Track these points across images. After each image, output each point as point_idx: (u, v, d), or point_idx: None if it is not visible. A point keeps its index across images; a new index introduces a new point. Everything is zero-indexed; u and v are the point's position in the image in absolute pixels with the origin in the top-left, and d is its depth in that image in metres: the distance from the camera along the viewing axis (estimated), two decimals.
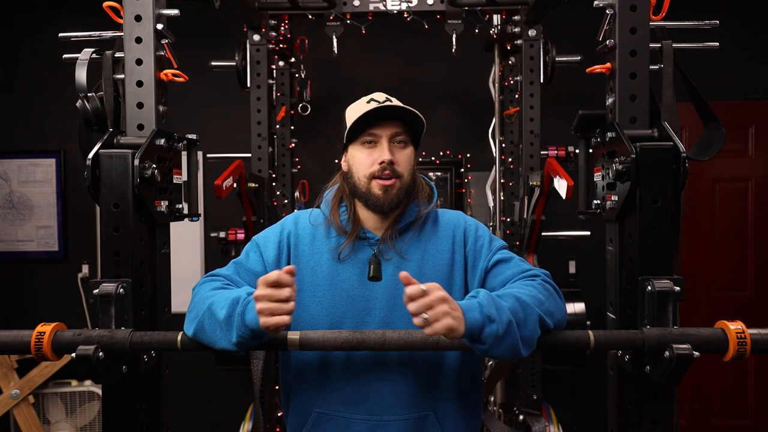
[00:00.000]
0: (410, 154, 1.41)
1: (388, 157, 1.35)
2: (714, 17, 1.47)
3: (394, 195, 1.37)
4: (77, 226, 3.60)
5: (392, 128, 1.38)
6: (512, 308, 1.16)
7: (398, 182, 1.37)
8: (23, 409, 3.35)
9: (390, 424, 1.34)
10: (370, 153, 1.38)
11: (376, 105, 1.36)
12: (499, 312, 1.14)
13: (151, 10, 1.37)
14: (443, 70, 3.51)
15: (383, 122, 1.37)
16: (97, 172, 1.30)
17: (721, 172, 3.57)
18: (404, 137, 1.39)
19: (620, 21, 1.35)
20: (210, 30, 3.26)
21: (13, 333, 1.23)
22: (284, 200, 3.12)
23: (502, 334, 1.13)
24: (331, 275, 1.37)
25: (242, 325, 1.16)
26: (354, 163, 1.40)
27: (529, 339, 1.18)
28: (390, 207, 1.37)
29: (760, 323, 1.19)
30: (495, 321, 1.13)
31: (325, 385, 1.36)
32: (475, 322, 1.12)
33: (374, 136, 1.38)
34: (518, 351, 1.16)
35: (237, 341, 1.17)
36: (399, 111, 1.37)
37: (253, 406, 2.70)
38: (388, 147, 1.37)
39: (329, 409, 1.36)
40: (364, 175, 1.38)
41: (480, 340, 1.13)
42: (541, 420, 2.71)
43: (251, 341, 1.18)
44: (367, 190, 1.37)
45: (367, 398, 1.34)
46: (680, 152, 1.27)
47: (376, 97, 1.41)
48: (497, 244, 1.43)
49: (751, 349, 1.17)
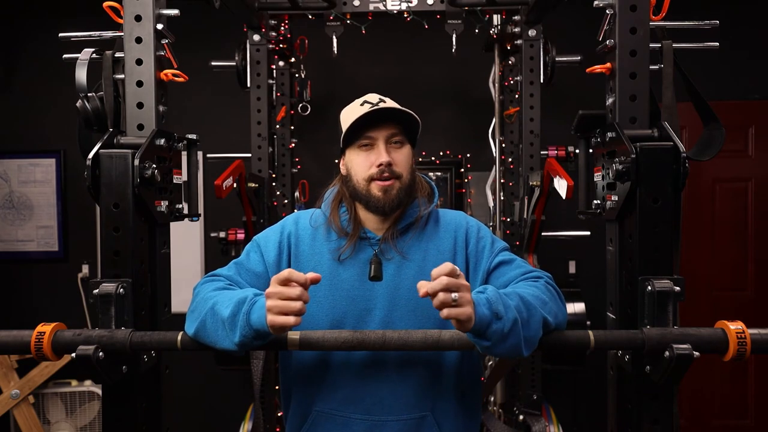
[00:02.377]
0: (408, 154, 1.40)
1: (386, 159, 1.35)
2: (714, 17, 1.47)
3: (395, 195, 1.36)
4: (77, 226, 3.60)
5: (387, 130, 1.37)
6: (517, 307, 1.16)
7: (397, 182, 1.37)
8: (23, 409, 3.35)
9: (388, 424, 1.34)
10: (368, 156, 1.37)
11: (370, 107, 1.36)
12: (506, 309, 1.13)
13: (151, 10, 1.37)
14: (443, 70, 3.51)
15: (378, 124, 1.37)
16: (97, 172, 1.30)
17: (721, 172, 3.57)
18: (400, 137, 1.39)
19: (620, 21, 1.35)
20: (210, 30, 3.26)
21: (13, 333, 1.23)
22: (284, 200, 3.12)
23: (506, 333, 1.12)
24: (332, 275, 1.37)
25: (246, 324, 1.15)
26: (352, 167, 1.40)
27: (531, 339, 1.18)
28: (391, 207, 1.37)
29: (760, 323, 1.19)
30: (502, 318, 1.12)
31: (324, 385, 1.36)
32: (484, 317, 1.10)
33: (370, 139, 1.37)
34: (520, 350, 1.16)
35: (239, 341, 1.16)
36: (393, 112, 1.37)
37: (253, 406, 2.70)
38: (385, 148, 1.36)
39: (329, 408, 1.36)
40: (363, 178, 1.37)
41: (485, 336, 1.12)
42: (541, 420, 2.71)
43: (254, 342, 1.17)
44: (367, 193, 1.37)
45: (366, 398, 1.34)
46: (680, 152, 1.27)
47: (369, 98, 1.40)
48: (499, 246, 1.42)
49: (751, 349, 1.17)
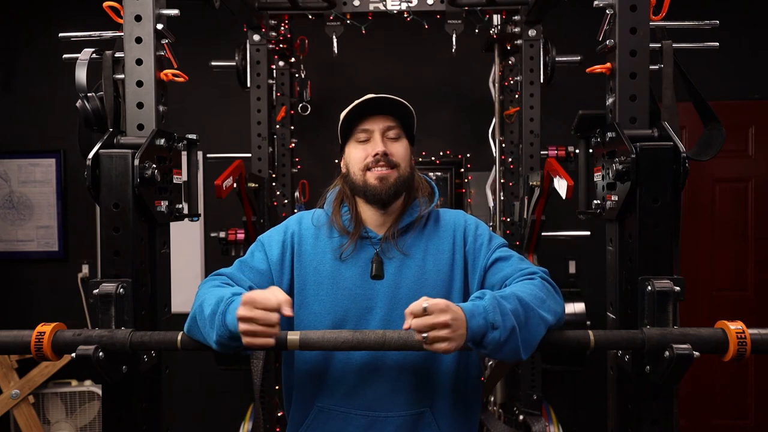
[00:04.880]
0: (405, 146, 1.42)
1: (381, 149, 1.37)
2: (714, 17, 1.47)
3: (392, 183, 1.38)
4: (77, 226, 3.59)
5: (383, 122, 1.40)
6: (515, 311, 1.17)
7: (395, 172, 1.38)
8: (23, 409, 3.34)
9: (388, 420, 1.35)
10: (364, 148, 1.40)
11: (365, 98, 1.38)
12: (503, 318, 1.14)
13: (151, 10, 1.38)
14: (443, 70, 3.51)
15: (374, 117, 1.39)
16: (97, 172, 1.30)
17: (721, 172, 3.56)
18: (397, 131, 1.41)
19: (620, 21, 1.35)
20: (210, 30, 3.26)
21: (13, 333, 1.23)
22: (284, 200, 3.12)
23: (503, 341, 1.14)
24: (334, 274, 1.38)
25: (222, 325, 1.15)
26: (350, 161, 1.42)
27: (529, 342, 1.19)
28: (388, 196, 1.38)
29: (760, 323, 1.19)
30: (498, 328, 1.13)
31: (326, 381, 1.37)
32: (478, 330, 1.12)
33: (366, 132, 1.40)
34: (518, 355, 1.17)
35: (216, 340, 1.16)
36: (388, 105, 1.39)
37: (253, 406, 2.70)
38: (381, 140, 1.38)
39: (330, 404, 1.37)
40: (359, 168, 1.39)
41: (482, 345, 1.14)
42: (541, 420, 2.71)
43: (231, 342, 1.16)
44: (364, 183, 1.38)
45: (366, 394, 1.35)
46: (680, 152, 1.27)
47: (365, 98, 1.42)
48: (496, 243, 1.43)
49: (751, 349, 1.17)
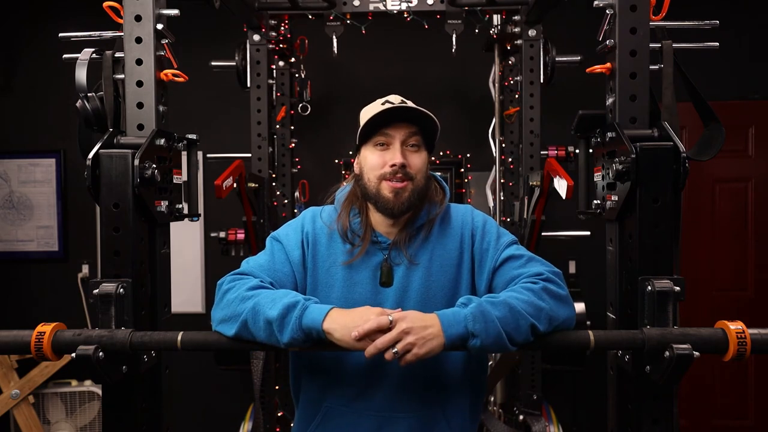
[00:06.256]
0: (423, 158, 1.39)
1: (400, 161, 1.33)
2: (714, 17, 1.47)
3: (406, 198, 1.35)
4: (77, 226, 3.59)
5: (406, 130, 1.36)
6: (503, 318, 1.17)
7: (410, 184, 1.35)
8: (23, 409, 3.34)
9: (399, 421, 1.34)
10: (382, 155, 1.36)
11: (390, 106, 1.35)
12: (486, 325, 1.16)
13: (151, 10, 1.37)
14: (443, 70, 3.51)
15: (397, 124, 1.36)
16: (97, 172, 1.30)
17: (721, 172, 3.56)
18: (418, 140, 1.38)
19: (620, 21, 1.35)
20: (210, 30, 3.26)
21: (13, 333, 1.23)
22: (284, 200, 3.12)
23: (486, 346, 1.16)
24: (345, 278, 1.38)
25: (299, 328, 1.17)
26: (365, 165, 1.39)
27: (519, 344, 1.20)
28: (400, 210, 1.36)
29: (760, 323, 1.18)
30: (478, 336, 1.15)
31: (335, 381, 1.37)
32: (456, 338, 1.15)
33: (387, 137, 1.36)
34: (506, 350, 1.21)
35: (288, 341, 1.18)
36: (413, 113, 1.35)
37: (253, 406, 2.70)
38: (401, 150, 1.35)
39: (339, 404, 1.37)
40: (375, 176, 1.36)
41: (464, 347, 1.17)
42: (541, 420, 2.71)
43: (303, 344, 1.19)
44: (377, 192, 1.36)
45: (377, 394, 1.35)
46: (680, 152, 1.27)
47: (391, 99, 1.40)
48: (505, 240, 1.41)
49: (751, 349, 1.17)
